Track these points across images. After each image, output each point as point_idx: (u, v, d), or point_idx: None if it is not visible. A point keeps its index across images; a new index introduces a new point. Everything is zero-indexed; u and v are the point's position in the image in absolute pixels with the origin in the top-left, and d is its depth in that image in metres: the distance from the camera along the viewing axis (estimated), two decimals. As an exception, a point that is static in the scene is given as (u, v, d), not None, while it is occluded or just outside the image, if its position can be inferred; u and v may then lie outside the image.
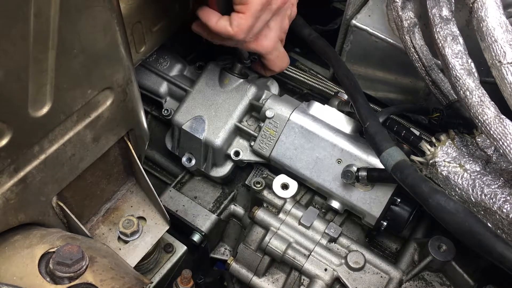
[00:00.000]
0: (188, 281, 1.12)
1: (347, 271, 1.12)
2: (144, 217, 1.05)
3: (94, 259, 0.79)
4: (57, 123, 0.79)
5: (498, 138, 0.82)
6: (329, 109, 1.21)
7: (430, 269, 1.14)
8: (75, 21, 0.73)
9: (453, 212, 0.81)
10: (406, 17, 1.11)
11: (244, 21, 1.01)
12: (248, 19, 1.01)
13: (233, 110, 1.22)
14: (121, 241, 1.02)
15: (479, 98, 0.86)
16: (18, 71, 0.68)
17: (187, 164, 1.26)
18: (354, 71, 1.29)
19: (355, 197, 1.14)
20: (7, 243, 0.81)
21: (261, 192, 1.17)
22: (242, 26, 1.01)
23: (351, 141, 1.16)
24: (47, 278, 0.75)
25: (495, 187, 0.91)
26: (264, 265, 1.17)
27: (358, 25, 1.25)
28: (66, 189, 0.89)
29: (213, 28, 1.03)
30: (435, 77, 1.08)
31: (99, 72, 0.82)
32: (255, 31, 1.05)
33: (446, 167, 0.96)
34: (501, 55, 0.82)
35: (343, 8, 1.26)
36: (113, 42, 0.81)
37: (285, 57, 1.19)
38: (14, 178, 0.77)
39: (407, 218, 1.14)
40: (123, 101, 0.91)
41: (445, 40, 0.94)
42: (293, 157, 1.18)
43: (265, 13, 1.04)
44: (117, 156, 1.00)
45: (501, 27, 0.84)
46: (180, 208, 1.27)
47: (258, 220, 1.16)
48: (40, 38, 0.69)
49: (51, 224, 0.90)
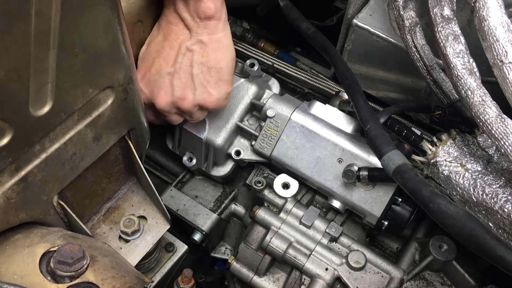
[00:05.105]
0: (189, 280, 1.13)
1: (348, 271, 1.12)
2: (145, 216, 1.05)
3: (95, 258, 0.79)
4: (58, 122, 0.79)
5: (500, 138, 0.82)
6: (330, 108, 1.21)
7: (431, 269, 1.14)
8: (76, 20, 0.73)
9: (454, 216, 0.81)
10: (407, 17, 1.11)
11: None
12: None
13: (234, 110, 1.22)
14: (122, 240, 1.02)
15: (480, 98, 0.86)
16: (19, 70, 0.68)
17: (188, 163, 1.26)
18: (355, 71, 1.29)
19: (356, 196, 1.14)
20: (8, 242, 0.81)
21: (262, 192, 1.16)
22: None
23: (352, 141, 1.16)
24: (48, 277, 0.75)
25: (497, 186, 0.91)
26: (265, 264, 1.17)
27: (360, 24, 1.25)
28: (67, 188, 0.89)
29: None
30: (437, 76, 1.08)
31: (100, 71, 0.82)
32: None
33: (447, 166, 0.96)
34: (503, 54, 0.82)
35: (343, 7, 1.26)
36: (114, 41, 0.81)
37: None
38: (15, 177, 0.77)
39: (408, 217, 1.14)
40: (124, 100, 0.90)
41: (446, 39, 0.94)
42: (294, 156, 1.18)
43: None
44: (118, 155, 1.00)
45: (502, 26, 0.84)
46: (181, 207, 1.27)
47: (259, 220, 1.16)
48: (41, 37, 0.69)
49: (52, 223, 0.90)
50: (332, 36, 1.30)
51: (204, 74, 1.05)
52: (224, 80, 1.07)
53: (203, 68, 1.05)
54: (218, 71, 1.06)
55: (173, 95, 1.06)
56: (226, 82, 1.08)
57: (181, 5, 1.01)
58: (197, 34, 1.03)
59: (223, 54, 1.05)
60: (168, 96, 1.06)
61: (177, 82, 1.05)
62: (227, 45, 1.06)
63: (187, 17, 1.01)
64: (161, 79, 1.05)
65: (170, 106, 1.07)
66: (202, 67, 1.05)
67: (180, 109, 1.08)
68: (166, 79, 1.05)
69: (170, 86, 1.05)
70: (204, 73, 1.05)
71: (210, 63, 1.05)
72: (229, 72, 1.08)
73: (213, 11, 1.00)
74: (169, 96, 1.06)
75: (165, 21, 1.05)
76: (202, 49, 1.04)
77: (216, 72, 1.06)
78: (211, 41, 1.04)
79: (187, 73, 1.05)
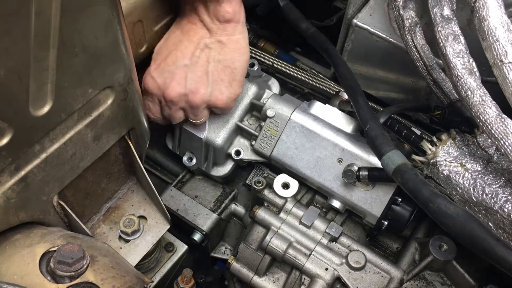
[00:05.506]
0: (189, 280, 1.13)
1: (348, 271, 1.12)
2: (145, 216, 1.05)
3: (95, 258, 0.79)
4: (58, 122, 0.79)
5: (500, 138, 0.82)
6: (330, 108, 1.21)
7: (431, 269, 1.14)
8: (76, 19, 0.73)
9: (454, 216, 0.81)
10: (407, 16, 1.11)
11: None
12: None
13: (234, 109, 1.22)
14: (122, 240, 1.02)
15: (480, 98, 0.86)
16: (19, 70, 0.68)
17: (188, 163, 1.26)
18: (355, 71, 1.29)
19: (356, 196, 1.14)
20: (8, 242, 0.81)
21: (262, 192, 1.16)
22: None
23: (352, 141, 1.16)
24: (48, 277, 0.75)
25: (496, 186, 0.91)
26: (265, 264, 1.17)
27: (359, 24, 1.25)
28: (67, 188, 0.89)
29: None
30: (436, 76, 1.08)
31: (100, 71, 0.82)
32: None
33: (447, 166, 0.96)
34: (503, 54, 0.82)
35: (343, 7, 1.26)
36: (114, 41, 0.81)
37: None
38: (15, 177, 0.77)
39: (408, 217, 1.14)
40: (124, 100, 0.90)
41: (446, 39, 0.94)
42: (294, 156, 1.18)
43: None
44: (118, 155, 1.00)
45: (502, 26, 0.84)
46: (180, 207, 1.27)
47: (259, 220, 1.16)
48: (41, 37, 0.69)
49: (52, 223, 0.90)
50: (332, 36, 1.30)
51: (219, 72, 1.06)
52: (237, 81, 1.08)
53: (219, 66, 1.06)
54: (232, 71, 1.07)
55: (186, 87, 1.06)
56: (238, 83, 1.09)
57: (201, 8, 1.03)
58: (216, 35, 1.05)
59: (239, 55, 1.07)
60: (180, 88, 1.06)
61: (192, 75, 1.05)
62: (244, 47, 1.08)
63: (206, 19, 1.04)
64: (176, 70, 1.06)
65: (180, 97, 1.07)
66: (218, 64, 1.06)
67: (190, 103, 1.08)
68: (181, 70, 1.06)
69: (184, 78, 1.06)
70: (219, 71, 1.06)
71: (226, 62, 1.06)
72: (242, 74, 1.09)
73: (231, 14, 1.02)
74: (181, 87, 1.06)
75: (185, 20, 1.07)
76: (220, 47, 1.05)
77: (231, 72, 1.07)
78: (230, 41, 1.05)
79: (202, 68, 1.05)
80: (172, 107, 1.10)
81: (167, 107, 1.11)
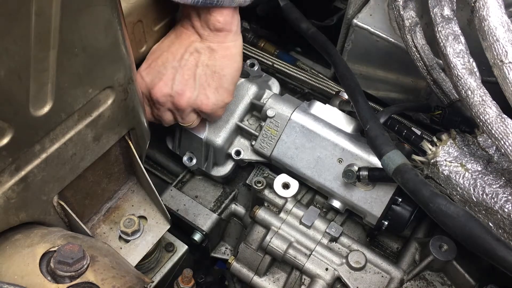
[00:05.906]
0: (189, 280, 1.12)
1: (348, 271, 1.12)
2: (145, 216, 1.05)
3: (95, 258, 0.79)
4: (58, 122, 0.79)
5: (500, 138, 0.82)
6: (330, 108, 1.21)
7: (431, 269, 1.14)
8: (76, 20, 0.73)
9: (454, 216, 0.81)
10: (407, 16, 1.11)
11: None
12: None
13: (234, 109, 1.22)
14: (122, 240, 1.02)
15: (480, 98, 0.86)
16: (19, 70, 0.68)
17: (188, 163, 1.26)
18: (355, 71, 1.29)
19: (356, 196, 1.14)
20: (8, 242, 0.81)
21: (262, 192, 1.16)
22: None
23: (352, 141, 1.16)
24: (48, 277, 0.75)
25: (497, 186, 0.91)
26: (265, 264, 1.17)
27: (360, 24, 1.25)
28: (67, 188, 0.89)
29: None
30: (437, 76, 1.08)
31: (100, 71, 0.82)
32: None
33: (447, 166, 0.96)
34: (503, 54, 0.82)
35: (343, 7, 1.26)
36: (114, 41, 0.81)
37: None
38: (15, 177, 0.77)
39: (408, 217, 1.14)
40: (124, 100, 0.90)
41: (446, 39, 0.94)
42: (294, 156, 1.18)
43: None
44: (118, 155, 1.00)
45: (502, 26, 0.84)
46: (181, 207, 1.27)
47: (259, 220, 1.16)
48: (41, 37, 0.69)
49: (52, 223, 0.90)
50: (332, 36, 1.30)
51: (207, 76, 1.06)
52: (224, 88, 1.08)
53: (207, 71, 1.06)
54: (220, 77, 1.06)
55: (172, 88, 1.06)
56: (226, 91, 1.09)
57: (193, 14, 1.03)
58: (207, 41, 1.05)
59: (229, 62, 1.07)
60: (167, 88, 1.06)
61: (179, 77, 1.06)
62: (234, 54, 1.07)
63: (197, 25, 1.04)
64: (164, 71, 1.06)
65: (166, 98, 1.08)
66: (207, 69, 1.06)
67: (175, 105, 1.08)
68: (169, 71, 1.06)
69: (172, 79, 1.06)
70: (207, 75, 1.06)
71: (215, 68, 1.06)
72: (231, 82, 1.09)
73: (222, 24, 1.02)
74: (168, 88, 1.06)
75: (179, 24, 1.09)
76: (210, 53, 1.05)
77: (219, 78, 1.06)
78: (220, 48, 1.05)
79: (190, 71, 1.06)
80: (159, 108, 1.11)
81: (155, 107, 1.11)
